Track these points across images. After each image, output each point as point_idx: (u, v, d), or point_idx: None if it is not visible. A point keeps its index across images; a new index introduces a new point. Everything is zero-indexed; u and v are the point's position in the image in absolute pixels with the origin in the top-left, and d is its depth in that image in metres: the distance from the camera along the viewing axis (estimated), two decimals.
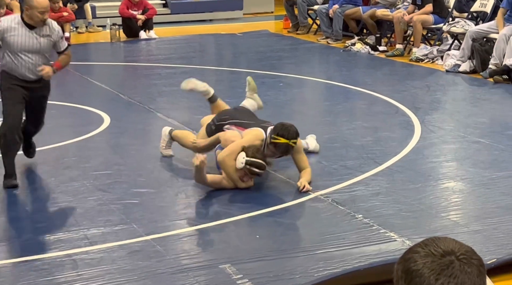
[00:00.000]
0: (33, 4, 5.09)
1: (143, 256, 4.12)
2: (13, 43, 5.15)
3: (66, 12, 11.82)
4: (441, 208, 4.83)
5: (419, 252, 1.42)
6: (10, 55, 5.17)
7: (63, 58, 5.41)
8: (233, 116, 5.54)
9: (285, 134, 5.02)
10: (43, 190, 5.19)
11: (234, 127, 5.41)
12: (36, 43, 5.19)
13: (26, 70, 5.21)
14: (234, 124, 5.45)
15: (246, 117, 5.56)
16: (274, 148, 5.06)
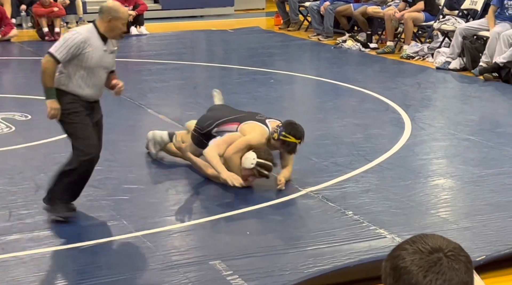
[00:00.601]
0: (119, 15, 4.49)
1: (133, 252, 4.12)
2: (91, 58, 4.43)
3: (57, 7, 11.77)
4: (430, 205, 4.84)
5: (407, 249, 1.43)
6: (83, 72, 4.45)
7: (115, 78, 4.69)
8: (216, 118, 5.38)
9: (297, 134, 5.10)
10: (33, 186, 5.17)
11: (225, 126, 5.28)
12: (109, 58, 4.55)
13: (97, 89, 4.56)
14: (221, 124, 5.30)
15: (230, 112, 5.49)
16: (282, 145, 5.10)
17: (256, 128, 5.19)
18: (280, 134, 5.07)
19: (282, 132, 5.08)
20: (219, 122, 5.32)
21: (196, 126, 5.44)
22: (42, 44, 11.33)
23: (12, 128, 6.66)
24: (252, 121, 5.24)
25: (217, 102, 6.03)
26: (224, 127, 5.29)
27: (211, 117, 5.42)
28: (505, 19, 9.24)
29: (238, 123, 5.24)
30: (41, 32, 11.65)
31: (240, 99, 7.84)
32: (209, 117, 5.45)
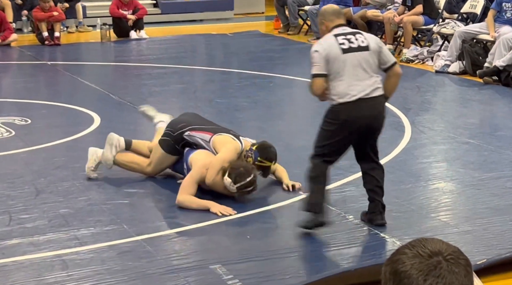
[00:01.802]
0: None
1: (134, 257, 4.11)
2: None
3: (57, 11, 11.78)
4: (431, 208, 4.84)
5: (406, 253, 1.43)
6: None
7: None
8: (190, 122, 5.29)
9: (271, 157, 5.09)
10: (33, 190, 5.16)
11: (198, 132, 5.17)
12: None
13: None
14: (194, 129, 5.20)
15: (204, 121, 5.38)
16: (259, 169, 5.04)
17: (229, 142, 5.08)
18: (255, 159, 5.02)
19: (258, 157, 5.03)
20: (193, 127, 5.23)
21: (168, 129, 5.32)
22: (42, 49, 11.35)
23: (12, 133, 6.66)
24: (225, 134, 5.14)
25: (151, 114, 5.89)
26: (197, 133, 5.18)
27: (185, 121, 5.34)
28: (504, 22, 9.26)
29: (212, 134, 5.14)
30: (41, 37, 11.66)
31: (240, 103, 7.85)
32: (182, 120, 5.36)
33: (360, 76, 4.29)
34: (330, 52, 4.26)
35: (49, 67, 10.19)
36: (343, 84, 4.27)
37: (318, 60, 4.26)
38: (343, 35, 4.34)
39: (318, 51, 4.27)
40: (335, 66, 4.26)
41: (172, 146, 5.26)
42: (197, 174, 4.91)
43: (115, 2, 12.33)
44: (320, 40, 4.39)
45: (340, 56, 4.26)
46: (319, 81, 4.26)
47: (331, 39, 4.32)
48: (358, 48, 4.31)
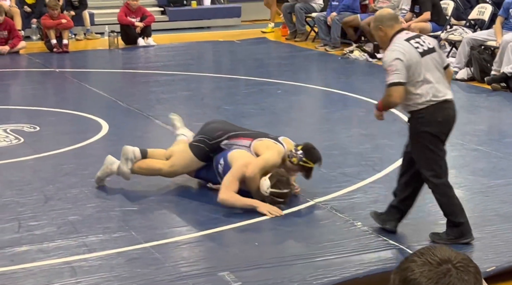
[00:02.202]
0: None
1: (142, 264, 4.12)
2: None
3: (65, 19, 11.83)
4: (439, 215, 4.81)
5: (415, 261, 1.43)
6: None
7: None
8: (228, 129, 5.25)
9: (316, 159, 5.07)
10: (42, 197, 5.18)
11: (237, 140, 5.14)
12: None
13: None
14: (232, 137, 5.17)
15: (237, 128, 5.35)
16: (301, 169, 5.06)
17: (272, 146, 5.07)
18: (300, 159, 5.02)
19: (303, 158, 5.02)
20: (231, 134, 5.19)
21: (203, 136, 5.25)
22: (50, 56, 11.40)
23: (21, 140, 6.68)
24: (266, 138, 5.13)
25: (178, 124, 5.84)
26: (235, 141, 5.16)
27: (221, 128, 5.27)
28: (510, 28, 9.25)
29: (252, 139, 5.12)
30: (49, 44, 11.71)
31: (248, 110, 7.86)
32: (218, 128, 5.29)
33: (439, 77, 4.27)
34: (411, 58, 4.17)
35: (58, 74, 10.24)
36: (428, 86, 4.20)
37: (400, 68, 4.13)
38: (412, 39, 4.26)
39: (399, 58, 4.14)
40: (417, 71, 4.18)
41: (205, 153, 5.20)
42: (237, 171, 4.89)
43: (123, 9, 12.37)
44: (393, 47, 4.21)
45: (420, 60, 4.19)
46: (401, 89, 4.14)
47: (405, 44, 4.21)
48: (429, 50, 4.26)
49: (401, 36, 4.26)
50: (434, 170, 4.30)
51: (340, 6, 11.76)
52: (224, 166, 5.07)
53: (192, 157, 5.23)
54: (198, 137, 5.31)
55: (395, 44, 4.22)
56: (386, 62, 4.20)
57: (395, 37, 4.25)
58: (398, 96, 4.17)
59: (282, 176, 4.88)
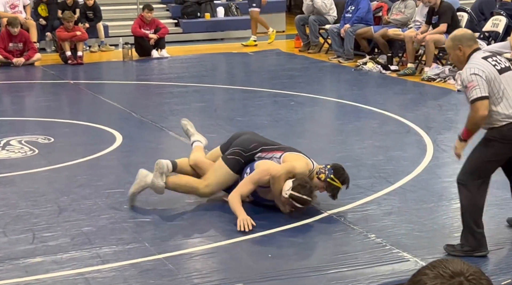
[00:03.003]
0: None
1: (155, 275, 4.12)
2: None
3: (79, 31, 11.92)
4: (454, 228, 4.80)
5: (427, 274, 1.42)
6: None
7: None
8: (262, 142, 5.28)
9: (344, 179, 5.09)
10: (56, 208, 5.20)
11: (270, 153, 5.16)
12: None
13: None
14: (266, 150, 5.19)
15: (270, 141, 5.37)
16: (327, 187, 5.07)
17: (301, 158, 5.12)
18: (328, 176, 5.02)
19: (331, 175, 5.03)
20: (265, 148, 5.21)
21: (238, 148, 5.23)
22: (65, 68, 11.47)
23: (35, 151, 6.72)
24: (297, 152, 5.19)
25: (191, 130, 5.85)
26: (268, 154, 5.18)
27: (255, 140, 5.29)
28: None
29: (283, 152, 5.16)
30: (64, 56, 11.79)
31: (261, 121, 7.86)
32: (252, 140, 5.29)
33: None
34: (489, 74, 4.20)
35: (72, 86, 10.30)
36: (508, 103, 4.22)
37: (480, 82, 4.16)
38: (489, 57, 4.31)
39: (477, 74, 4.17)
40: (496, 87, 4.21)
41: (240, 165, 5.20)
42: (257, 175, 4.92)
43: (137, 21, 12.45)
44: (470, 65, 4.24)
45: (498, 77, 4.22)
46: (485, 103, 4.17)
47: (483, 61, 4.25)
48: (506, 68, 4.31)
49: (477, 55, 4.30)
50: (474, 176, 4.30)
51: (354, 18, 11.78)
52: (250, 173, 5.09)
53: (227, 172, 5.20)
54: (232, 150, 5.26)
55: (472, 62, 4.26)
56: (465, 79, 4.23)
57: (472, 56, 4.29)
58: (484, 109, 4.18)
59: (306, 182, 4.89)
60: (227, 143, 5.44)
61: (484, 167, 4.34)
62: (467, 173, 4.33)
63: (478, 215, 4.34)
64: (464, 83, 4.26)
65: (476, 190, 4.32)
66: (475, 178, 4.32)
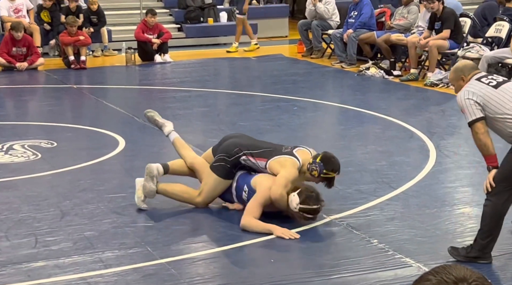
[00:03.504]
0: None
1: (158, 280, 4.12)
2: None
3: (83, 36, 11.94)
4: (457, 233, 4.79)
5: (430, 280, 1.42)
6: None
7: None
8: (244, 146, 5.24)
9: (336, 168, 5.08)
10: (58, 213, 5.20)
11: (254, 159, 5.15)
12: None
13: None
14: (250, 155, 5.16)
15: (254, 143, 5.34)
16: (323, 180, 5.08)
17: (285, 162, 5.06)
18: (321, 172, 5.02)
19: (323, 170, 5.03)
20: (247, 152, 5.19)
21: (222, 155, 5.24)
22: (68, 72, 11.49)
23: (38, 155, 6.73)
24: (279, 156, 5.11)
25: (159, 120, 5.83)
26: (252, 160, 5.17)
27: (238, 144, 5.26)
28: None
29: (266, 160, 5.13)
30: (67, 61, 11.81)
31: (264, 126, 7.86)
32: (235, 144, 5.27)
33: None
34: (482, 93, 4.25)
35: (75, 90, 10.31)
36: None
37: (473, 106, 4.22)
38: (483, 77, 4.38)
39: (468, 98, 4.24)
40: (496, 102, 4.25)
41: (228, 171, 5.19)
42: (262, 197, 4.92)
43: (140, 26, 12.47)
44: (464, 89, 4.32)
45: (494, 92, 4.26)
46: (479, 124, 4.24)
47: (476, 83, 4.32)
48: (503, 81, 4.37)
49: (474, 78, 4.36)
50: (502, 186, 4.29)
51: (356, 23, 11.78)
52: (249, 193, 5.08)
53: (217, 179, 5.21)
54: (217, 157, 5.27)
55: (466, 86, 4.34)
56: (459, 103, 4.31)
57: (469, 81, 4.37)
58: (481, 129, 4.24)
59: (311, 192, 4.89)
60: (217, 145, 5.46)
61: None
62: (495, 182, 4.29)
63: (495, 225, 4.33)
64: (459, 107, 4.35)
65: (502, 200, 4.29)
66: (502, 187, 4.28)
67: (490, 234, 4.31)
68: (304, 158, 5.11)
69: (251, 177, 5.15)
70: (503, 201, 4.30)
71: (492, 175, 4.32)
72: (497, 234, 4.33)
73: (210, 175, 5.23)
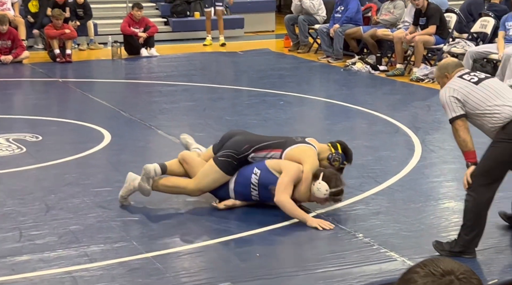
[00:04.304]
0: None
1: (143, 274, 4.11)
2: None
3: (68, 29, 11.87)
4: (441, 228, 4.82)
5: (418, 273, 1.43)
6: None
7: None
8: (253, 142, 5.21)
9: (351, 159, 5.30)
10: (43, 207, 5.18)
11: (265, 152, 5.12)
12: None
13: None
14: (259, 149, 5.14)
15: (264, 138, 5.33)
16: (340, 170, 5.18)
17: (309, 152, 5.09)
18: (342, 163, 5.21)
19: (344, 161, 5.22)
20: (257, 147, 5.16)
21: (230, 151, 5.16)
22: (53, 66, 11.43)
23: (23, 149, 6.69)
24: (296, 145, 5.12)
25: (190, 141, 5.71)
26: (263, 153, 5.14)
27: (247, 141, 5.22)
28: (510, 41, 9.31)
29: (281, 150, 5.11)
30: (52, 54, 11.74)
31: (250, 121, 7.87)
32: (243, 141, 5.23)
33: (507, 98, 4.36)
34: (464, 90, 4.34)
35: (60, 84, 10.26)
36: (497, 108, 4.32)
37: (454, 103, 4.33)
38: (467, 73, 4.47)
39: (450, 95, 4.34)
40: (476, 98, 4.32)
41: (233, 167, 5.15)
42: (295, 173, 4.93)
43: (126, 20, 12.42)
44: (446, 86, 4.42)
45: (475, 88, 4.34)
46: (460, 121, 4.35)
47: (457, 80, 4.41)
48: (485, 77, 4.46)
49: (456, 75, 4.45)
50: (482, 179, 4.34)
51: (343, 18, 11.80)
52: (262, 174, 5.02)
53: (218, 172, 5.15)
54: (224, 151, 5.20)
55: (448, 83, 4.43)
56: (441, 99, 4.42)
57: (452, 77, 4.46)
58: (461, 126, 4.36)
59: (334, 175, 4.99)
60: (219, 143, 5.38)
61: (493, 169, 4.37)
62: (476, 176, 4.36)
63: (478, 219, 4.36)
64: (441, 103, 4.46)
65: (483, 195, 4.34)
66: (483, 181, 4.34)
67: (473, 229, 4.33)
68: (318, 147, 5.20)
69: (262, 161, 5.10)
70: (485, 196, 4.34)
71: (470, 171, 4.37)
72: (481, 229, 4.35)
73: (212, 166, 5.16)
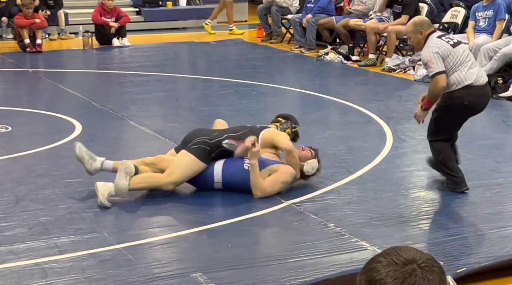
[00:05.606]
0: None
1: (114, 265, 4.09)
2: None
3: (39, 19, 11.73)
4: (412, 217, 4.86)
5: (381, 262, 1.44)
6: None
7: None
8: (223, 131, 5.33)
9: (297, 120, 5.80)
10: (13, 198, 5.13)
11: (235, 141, 5.19)
12: None
13: None
14: (231, 137, 5.23)
15: (232, 129, 5.42)
16: (294, 135, 5.63)
17: (275, 131, 5.51)
18: (292, 128, 5.64)
19: (293, 125, 5.67)
20: (229, 135, 5.26)
21: (203, 138, 5.20)
22: (23, 56, 11.30)
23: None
24: (265, 130, 5.42)
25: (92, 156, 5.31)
26: (236, 141, 5.21)
27: (215, 130, 5.42)
28: (480, 31, 9.40)
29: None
30: (22, 44, 11.60)
31: (223, 111, 7.85)
32: (212, 130, 5.43)
33: (474, 63, 5.11)
34: (445, 50, 4.99)
35: (31, 74, 10.14)
36: (465, 70, 5.01)
37: (438, 59, 4.96)
38: (443, 36, 5.16)
39: (435, 52, 4.97)
40: (452, 59, 4.99)
41: (207, 153, 5.15)
42: (285, 179, 5.20)
43: (97, 9, 12.30)
44: (428, 45, 5.03)
45: (452, 50, 5.02)
46: (443, 76, 4.96)
47: (438, 40, 5.04)
48: (458, 43, 5.13)
49: (433, 35, 5.09)
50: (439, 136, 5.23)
51: (315, 8, 11.81)
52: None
53: (193, 159, 5.11)
54: (196, 140, 5.19)
55: (430, 42, 5.05)
56: (425, 57, 5.02)
57: (429, 37, 5.08)
58: (443, 81, 4.97)
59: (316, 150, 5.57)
60: (182, 144, 5.34)
61: (446, 128, 5.17)
62: (433, 133, 5.19)
63: (451, 161, 5.19)
64: (424, 61, 5.07)
65: (443, 144, 5.18)
66: (439, 136, 5.18)
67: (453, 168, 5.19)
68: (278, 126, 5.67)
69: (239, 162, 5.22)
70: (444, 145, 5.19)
71: (423, 114, 5.22)
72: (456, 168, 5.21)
73: (185, 155, 5.13)
